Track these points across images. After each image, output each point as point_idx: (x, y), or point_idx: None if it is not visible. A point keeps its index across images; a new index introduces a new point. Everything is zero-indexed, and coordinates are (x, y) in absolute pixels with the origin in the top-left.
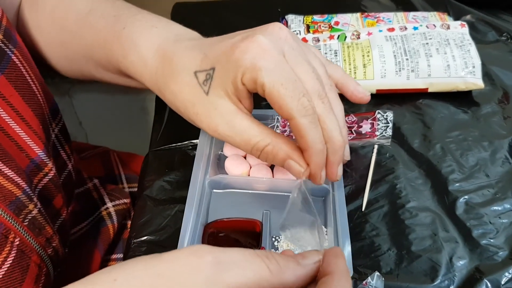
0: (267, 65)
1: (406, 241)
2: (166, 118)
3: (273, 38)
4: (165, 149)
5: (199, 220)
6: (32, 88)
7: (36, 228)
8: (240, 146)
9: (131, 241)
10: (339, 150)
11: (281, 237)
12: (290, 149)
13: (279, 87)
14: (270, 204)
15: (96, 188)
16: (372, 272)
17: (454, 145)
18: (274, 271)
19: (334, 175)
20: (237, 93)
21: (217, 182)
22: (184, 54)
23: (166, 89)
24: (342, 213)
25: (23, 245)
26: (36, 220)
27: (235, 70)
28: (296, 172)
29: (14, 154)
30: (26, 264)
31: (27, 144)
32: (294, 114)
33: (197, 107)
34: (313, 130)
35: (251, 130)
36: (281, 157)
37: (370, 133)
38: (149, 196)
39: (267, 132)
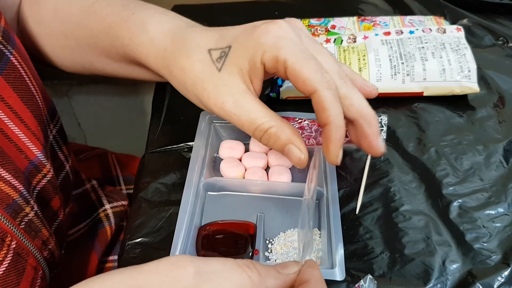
0: (288, 44)
1: (399, 245)
2: (162, 120)
3: (292, 25)
4: (160, 151)
5: (193, 222)
6: (31, 89)
7: (33, 231)
8: (244, 126)
9: (125, 243)
10: (373, 122)
11: (274, 239)
12: (293, 134)
13: (302, 61)
14: (264, 207)
15: (94, 190)
16: (364, 275)
17: (449, 149)
18: (255, 280)
19: (377, 148)
20: (251, 72)
21: (212, 185)
22: (198, 34)
23: (176, 65)
24: (335, 216)
25: (19, 248)
26: (32, 223)
27: (255, 48)
28: (296, 157)
29: (13, 156)
30: (22, 267)
31: (25, 145)
32: (318, 86)
33: (206, 83)
34: (335, 104)
35: (257, 111)
36: (283, 140)
37: None
38: (144, 198)
39: (273, 115)
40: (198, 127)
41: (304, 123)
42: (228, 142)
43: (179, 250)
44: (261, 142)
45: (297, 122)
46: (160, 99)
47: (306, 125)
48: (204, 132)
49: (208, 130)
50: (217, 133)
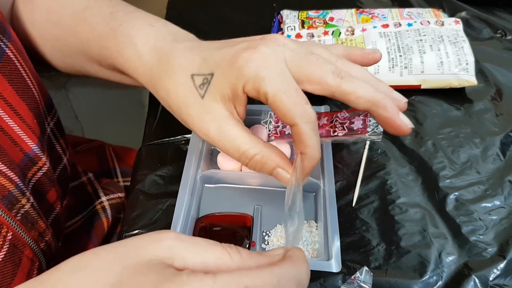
0: (270, 75)
1: (396, 237)
2: (159, 112)
3: (274, 46)
4: (158, 144)
5: (190, 214)
6: (27, 82)
7: (29, 222)
8: (229, 152)
9: (122, 235)
10: (387, 104)
11: (271, 231)
12: (279, 158)
13: (282, 95)
14: (261, 199)
15: (90, 182)
16: (361, 267)
17: (446, 142)
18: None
19: (403, 128)
20: (234, 99)
21: (209, 177)
22: (182, 54)
23: (161, 86)
24: (332, 208)
25: (15, 239)
26: (28, 214)
27: (237, 77)
28: (285, 180)
29: (7, 148)
30: (18, 259)
31: (20, 138)
32: (296, 120)
33: (190, 109)
34: (313, 137)
35: (241, 137)
36: (270, 166)
37: (361, 129)
38: (141, 190)
39: (257, 141)
40: None
41: None
42: None
43: None
44: (248, 168)
45: None
46: None
47: None
48: None
49: None
50: None
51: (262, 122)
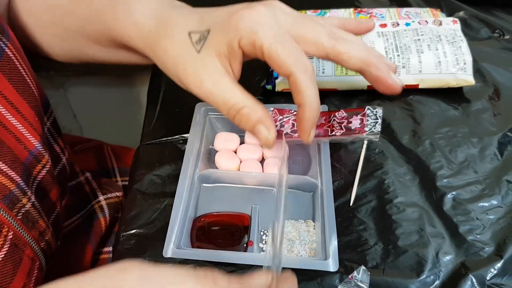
0: (265, 28)
1: (393, 236)
2: (157, 112)
3: (270, 7)
4: (155, 143)
5: (188, 214)
6: (26, 81)
7: (30, 222)
8: (219, 105)
9: (120, 234)
10: (379, 64)
11: (269, 231)
12: (263, 114)
13: (277, 46)
14: (259, 199)
15: (88, 182)
16: (358, 266)
17: (444, 141)
18: None
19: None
20: (230, 56)
21: (206, 177)
22: (180, 16)
23: (158, 46)
24: (329, 207)
25: (16, 239)
26: (29, 214)
27: (233, 33)
28: (263, 136)
29: (12, 147)
30: (19, 258)
31: (24, 136)
32: (292, 69)
33: (186, 64)
34: (310, 87)
35: (233, 91)
36: (253, 121)
37: (359, 129)
38: (139, 190)
39: (247, 96)
40: (193, 119)
41: None
42: (223, 134)
43: (173, 242)
44: (234, 122)
45: (292, 114)
46: (155, 91)
47: None
48: (199, 124)
49: (203, 122)
50: (212, 125)
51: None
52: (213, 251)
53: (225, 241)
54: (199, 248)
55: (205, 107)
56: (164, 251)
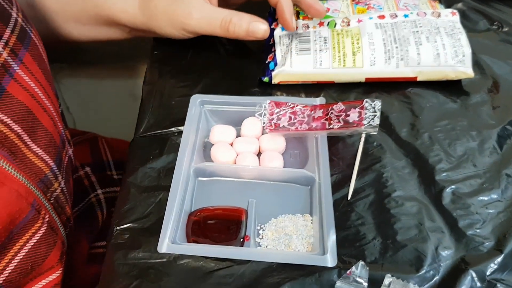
0: None
1: (392, 231)
2: (152, 104)
3: None
4: (150, 136)
5: (183, 208)
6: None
7: (59, 206)
8: (212, 24)
9: (113, 228)
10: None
11: (265, 225)
12: (252, 16)
13: None
14: (255, 193)
15: (87, 176)
16: (356, 261)
17: (442, 135)
18: None
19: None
20: None
21: (202, 170)
22: None
23: (149, 3)
24: (327, 201)
25: (52, 221)
26: (59, 198)
27: None
28: (261, 29)
29: (51, 129)
30: (53, 241)
31: (55, 118)
32: None
33: (175, 5)
34: None
35: (218, 10)
36: (245, 23)
37: (357, 122)
38: (133, 183)
39: (232, 10)
40: (189, 111)
41: (297, 108)
42: (219, 127)
43: (168, 236)
44: (230, 35)
45: (289, 107)
46: (151, 82)
47: (299, 110)
48: (195, 116)
49: (198, 114)
50: (207, 118)
51: (256, 115)
52: (209, 246)
53: (221, 236)
54: (195, 243)
55: (201, 98)
56: (158, 246)
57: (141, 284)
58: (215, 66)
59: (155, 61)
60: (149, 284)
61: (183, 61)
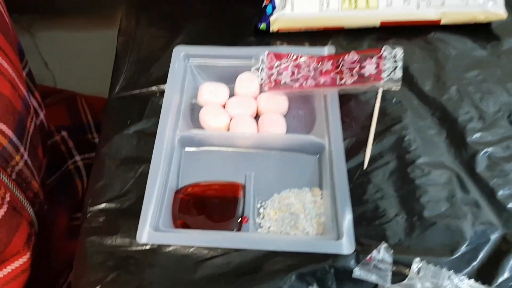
0: None
1: (418, 205)
2: (129, 58)
3: None
4: (127, 96)
5: (168, 184)
6: (6, 19)
7: (24, 182)
8: None
9: (86, 210)
10: None
11: (267, 203)
12: None
13: None
14: (254, 165)
15: (64, 141)
16: (377, 243)
17: (472, 87)
18: None
19: None
20: None
21: (189, 139)
22: None
23: None
24: (340, 172)
25: (13, 201)
26: (22, 173)
27: None
28: None
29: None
30: (16, 224)
31: (17, 83)
32: None
33: None
34: None
35: None
36: None
37: (375, 76)
38: (107, 154)
39: None
40: (171, 67)
41: (301, 60)
42: (208, 85)
43: (150, 222)
44: None
45: (291, 60)
46: (126, 32)
47: (303, 63)
48: (179, 72)
49: (183, 70)
50: (194, 74)
51: (253, 69)
52: (200, 233)
53: (214, 217)
54: (183, 228)
55: (185, 50)
56: (138, 235)
57: (119, 277)
58: (202, 11)
59: (131, 6)
60: (128, 276)
61: (164, 5)
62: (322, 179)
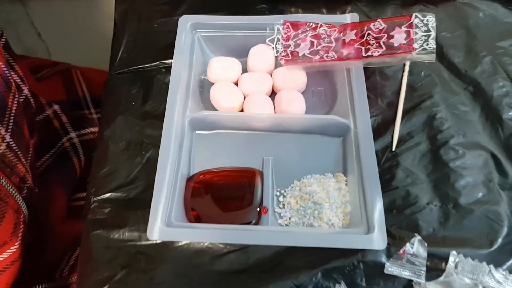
0: None
1: (452, 191)
2: (128, 29)
3: None
4: (129, 72)
5: (179, 171)
6: None
7: (7, 167)
8: None
9: (90, 200)
10: None
11: (287, 190)
12: None
13: None
14: (272, 148)
15: (56, 116)
16: (409, 234)
17: (508, 58)
18: None
19: None
20: None
21: (200, 121)
22: None
23: None
24: (368, 156)
25: None
26: (5, 157)
27: None
28: None
29: None
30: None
31: None
32: None
33: None
34: None
35: None
36: None
37: (405, 46)
38: (111, 137)
39: None
40: (177, 39)
41: (320, 29)
42: (218, 60)
43: (161, 212)
44: None
45: (310, 29)
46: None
47: (324, 32)
48: (186, 45)
49: (190, 43)
50: (203, 48)
51: (267, 41)
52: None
53: (230, 208)
54: (197, 221)
55: (192, 21)
56: (148, 232)
57: (128, 276)
58: None
59: None
60: (139, 275)
61: None
62: (347, 164)
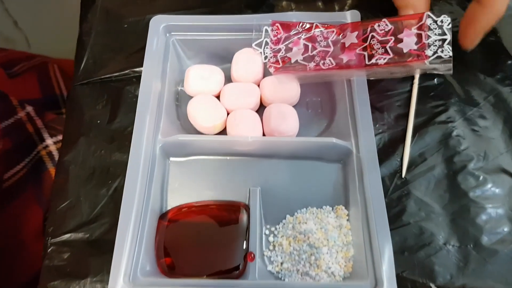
0: None
1: (473, 227)
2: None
3: None
4: (95, 83)
5: (149, 207)
6: None
7: None
8: None
9: (47, 242)
10: None
11: (278, 228)
12: None
13: None
14: (260, 177)
15: (30, 119)
16: (422, 283)
17: None
18: None
19: None
20: None
21: (175, 146)
22: None
23: None
24: (374, 185)
25: None
26: None
27: None
28: None
29: None
30: None
31: None
32: None
33: None
34: None
35: None
36: None
37: (416, 52)
38: (73, 163)
39: None
40: (148, 44)
41: (316, 31)
42: (197, 69)
43: (127, 259)
44: None
45: (303, 30)
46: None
47: (319, 34)
48: (158, 51)
49: (163, 47)
50: (178, 53)
51: (253, 45)
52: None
53: (210, 253)
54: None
55: (166, 22)
56: (110, 285)
57: None
58: None
59: None
60: None
61: None
62: (349, 194)
